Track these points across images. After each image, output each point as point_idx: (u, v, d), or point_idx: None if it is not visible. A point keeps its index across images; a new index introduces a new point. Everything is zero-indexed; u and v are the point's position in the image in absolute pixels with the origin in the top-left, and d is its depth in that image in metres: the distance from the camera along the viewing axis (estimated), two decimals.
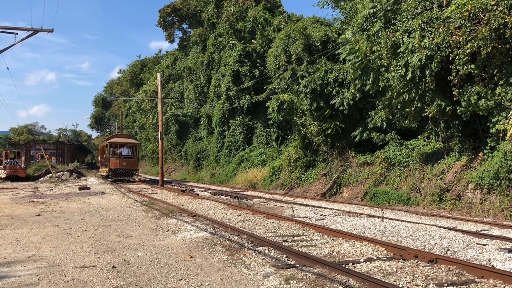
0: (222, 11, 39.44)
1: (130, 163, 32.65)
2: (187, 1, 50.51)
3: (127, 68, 79.09)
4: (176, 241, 8.61)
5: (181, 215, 12.37)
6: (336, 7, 27.41)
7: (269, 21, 34.78)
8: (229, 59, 34.88)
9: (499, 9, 11.58)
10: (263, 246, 7.81)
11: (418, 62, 13.13)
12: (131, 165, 32.64)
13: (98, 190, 23.26)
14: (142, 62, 71.25)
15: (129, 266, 6.60)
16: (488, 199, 12.40)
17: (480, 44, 11.95)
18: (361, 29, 16.95)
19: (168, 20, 54.23)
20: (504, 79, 12.10)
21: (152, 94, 48.34)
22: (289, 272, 6.15)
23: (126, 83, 76.90)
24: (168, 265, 6.65)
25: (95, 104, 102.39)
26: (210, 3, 42.87)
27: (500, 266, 6.51)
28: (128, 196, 19.53)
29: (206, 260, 6.93)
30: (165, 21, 54.13)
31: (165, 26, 54.79)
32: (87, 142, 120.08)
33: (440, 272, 6.06)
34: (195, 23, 51.38)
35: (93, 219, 11.90)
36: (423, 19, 13.36)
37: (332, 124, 20.12)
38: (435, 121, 14.67)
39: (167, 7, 52.59)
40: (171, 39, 56.44)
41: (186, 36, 55.30)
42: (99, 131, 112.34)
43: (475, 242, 8.26)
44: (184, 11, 51.64)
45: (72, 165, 46.50)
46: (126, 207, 14.88)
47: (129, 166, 32.42)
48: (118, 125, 58.98)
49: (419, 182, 15.45)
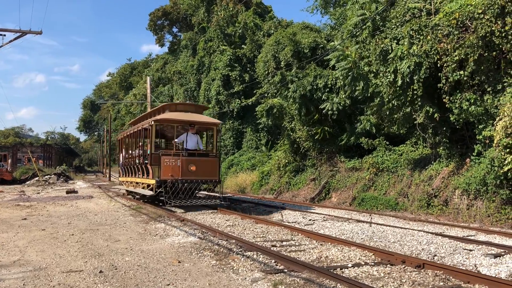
0: (212, 16, 39.52)
1: (204, 166, 15.18)
2: (178, 5, 50.52)
3: (117, 71, 78.87)
4: (164, 245, 8.56)
5: (170, 219, 12.31)
6: (325, 13, 27.62)
7: (259, 26, 34.94)
8: (219, 63, 34.91)
9: (486, 17, 11.74)
10: (251, 251, 7.80)
11: (407, 68, 13.26)
12: (207, 172, 15.19)
13: (85, 193, 23.06)
14: (132, 65, 71.11)
15: (117, 271, 6.54)
16: (474, 205, 12.53)
17: (468, 52, 12.10)
18: (350, 36, 17.09)
19: (159, 23, 54.21)
20: (492, 86, 12.27)
21: (142, 98, 48.15)
22: (278, 277, 6.14)
23: (116, 86, 76.65)
24: (156, 269, 6.61)
25: (83, 107, 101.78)
26: (200, 7, 42.95)
27: (486, 271, 6.57)
28: (116, 200, 19.38)
29: (194, 265, 6.90)
30: (155, 25, 54.09)
31: (155, 30, 54.75)
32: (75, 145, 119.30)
33: (427, 278, 6.11)
34: (185, 27, 51.40)
35: (80, 223, 11.79)
36: (412, 27, 13.50)
37: (320, 129, 20.21)
38: (423, 127, 14.80)
39: (158, 11, 52.58)
40: (161, 43, 56.43)
41: (176, 40, 55.30)
42: (87, 134, 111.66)
43: (461, 247, 8.33)
44: (174, 15, 51.66)
45: (59, 169, 46.02)
46: (114, 211, 14.77)
47: (204, 173, 15.09)
48: (106, 128, 58.56)
49: (407, 188, 15.56)
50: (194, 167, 14.64)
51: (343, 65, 16.97)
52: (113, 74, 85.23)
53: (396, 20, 14.53)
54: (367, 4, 16.29)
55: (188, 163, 14.58)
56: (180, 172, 14.37)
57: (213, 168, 15.24)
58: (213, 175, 15.11)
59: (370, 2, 16.20)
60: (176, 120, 15.63)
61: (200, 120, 15.86)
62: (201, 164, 14.89)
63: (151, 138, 15.33)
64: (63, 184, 35.45)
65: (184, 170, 14.43)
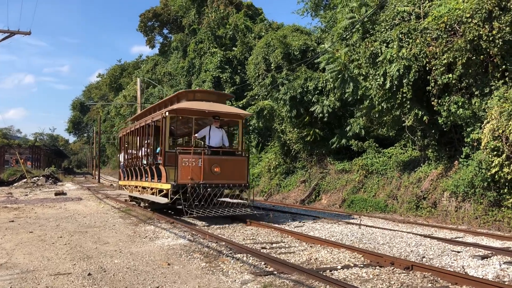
0: (203, 17, 39.53)
1: (231, 167, 12.70)
2: (168, 7, 50.41)
3: (107, 72, 78.46)
4: (153, 248, 8.53)
5: (159, 221, 12.26)
6: (315, 16, 27.74)
7: (250, 28, 35.00)
8: (210, 65, 34.89)
9: (473, 21, 11.89)
10: (241, 253, 7.80)
11: (396, 72, 13.37)
12: (234, 174, 12.72)
13: (74, 195, 22.89)
14: (122, 67, 70.76)
15: (105, 274, 6.50)
16: (462, 207, 12.65)
17: (456, 55, 12.24)
18: (340, 39, 17.19)
19: (149, 25, 54.00)
20: (479, 89, 12.41)
21: (132, 99, 47.92)
22: (267, 279, 6.15)
23: (105, 88, 76.22)
24: (145, 272, 6.58)
25: (73, 108, 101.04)
26: (191, 9, 42.91)
27: (473, 272, 6.64)
28: (105, 202, 19.26)
29: (184, 267, 6.89)
30: (145, 26, 53.87)
31: (146, 31, 54.52)
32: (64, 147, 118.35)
33: (416, 279, 6.15)
34: (176, 28, 51.29)
35: (69, 226, 11.69)
36: (401, 30, 13.62)
37: (311, 131, 20.29)
38: (412, 129, 14.92)
39: (148, 12, 52.39)
40: (151, 44, 56.19)
41: (166, 41, 55.15)
42: (77, 136, 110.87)
43: (449, 249, 8.41)
44: (165, 17, 51.51)
45: (48, 170, 45.59)
46: (103, 213, 14.67)
47: (230, 176, 12.61)
48: (96, 129, 58.22)
49: (396, 190, 15.66)
50: (219, 168, 12.13)
51: (332, 68, 17.06)
52: (103, 75, 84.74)
53: (386, 24, 14.65)
54: (357, 8, 16.40)
55: (212, 164, 12.09)
56: (202, 175, 11.89)
57: (241, 169, 12.72)
58: (240, 178, 12.63)
59: (359, 6, 16.31)
60: (198, 110, 12.84)
61: (227, 111, 13.44)
62: (227, 165, 12.36)
63: (164, 133, 12.59)
64: (52, 186, 35.13)
65: (207, 172, 11.96)
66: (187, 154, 12.04)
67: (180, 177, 11.79)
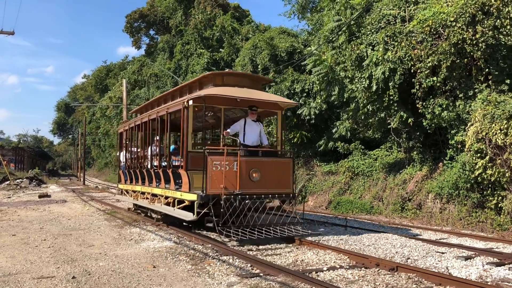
0: (190, 19, 39.44)
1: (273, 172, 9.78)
2: (155, 8, 50.17)
3: (92, 73, 77.78)
4: (139, 250, 8.46)
5: (145, 224, 12.18)
6: (302, 18, 27.87)
7: (237, 30, 35.02)
8: (197, 66, 34.82)
9: (457, 25, 12.05)
10: (227, 256, 7.78)
11: (382, 74, 13.49)
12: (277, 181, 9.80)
13: (59, 198, 22.61)
14: (108, 68, 70.20)
15: (90, 276, 6.43)
16: (447, 209, 12.79)
17: (441, 58, 12.39)
18: (327, 41, 17.29)
19: (135, 26, 53.66)
20: (463, 92, 12.58)
21: (117, 101, 47.57)
22: (253, 281, 6.14)
23: (91, 89, 75.56)
24: (130, 275, 6.52)
25: (58, 109, 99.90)
26: (178, 10, 42.78)
27: (456, 273, 6.71)
28: (90, 204, 19.07)
29: (170, 270, 6.84)
30: (132, 27, 53.52)
31: (132, 32, 54.17)
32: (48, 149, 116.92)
33: (400, 280, 6.20)
34: (163, 29, 51.05)
35: (53, 228, 11.54)
36: (387, 33, 13.75)
37: (298, 134, 20.35)
38: (397, 132, 15.06)
39: (134, 13, 52.05)
40: (137, 45, 55.85)
41: (153, 42, 54.85)
42: (61, 137, 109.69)
43: (434, 250, 8.49)
44: (151, 18, 51.24)
45: (32, 172, 45.01)
46: (88, 216, 14.52)
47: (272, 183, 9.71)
48: (81, 131, 57.66)
49: (381, 191, 15.78)
50: (258, 174, 9.38)
51: (319, 70, 17.16)
52: (89, 76, 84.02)
53: (372, 27, 14.78)
54: (343, 11, 16.51)
55: (250, 168, 9.32)
56: (238, 182, 9.11)
57: (285, 175, 9.85)
58: (285, 186, 9.82)
59: (345, 8, 16.43)
60: (232, 99, 9.85)
61: (267, 100, 10.50)
62: (268, 169, 9.59)
63: (186, 127, 9.81)
64: (36, 188, 34.66)
65: (244, 179, 9.21)
66: (218, 155, 9.25)
67: (211, 185, 8.96)
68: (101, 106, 55.95)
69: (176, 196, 10.32)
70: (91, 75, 78.89)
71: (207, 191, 8.94)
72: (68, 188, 35.02)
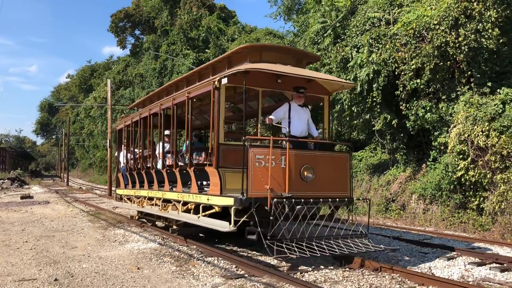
0: (176, 19, 39.26)
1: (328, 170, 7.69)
2: (140, 8, 49.84)
3: (76, 73, 76.95)
4: (123, 252, 8.40)
5: (129, 225, 12.09)
6: (288, 20, 27.92)
7: (223, 31, 34.98)
8: (182, 67, 34.69)
9: (441, 28, 12.21)
10: (212, 257, 7.76)
11: (366, 76, 13.61)
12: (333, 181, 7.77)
13: (42, 199, 22.32)
14: (92, 68, 69.52)
15: (73, 279, 6.36)
16: (430, 209, 12.95)
17: (424, 61, 12.54)
18: (312, 43, 17.38)
19: (120, 25, 53.25)
20: (446, 94, 12.75)
21: (102, 101, 47.16)
22: (238, 282, 6.14)
23: (75, 89, 74.74)
24: (114, 276, 6.47)
25: (41, 109, 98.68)
26: (163, 10, 42.56)
27: (439, 273, 6.80)
28: (74, 205, 18.86)
29: (154, 272, 6.81)
30: (117, 27, 53.10)
31: (117, 32, 53.75)
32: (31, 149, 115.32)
33: (384, 280, 6.26)
34: (148, 29, 50.75)
35: (35, 230, 11.39)
36: (371, 35, 13.87)
37: None
38: (381, 133, 15.20)
39: (120, 13, 51.66)
40: (122, 45, 55.42)
41: (138, 42, 54.47)
42: (45, 138, 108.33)
43: (417, 250, 8.60)
44: (137, 17, 50.91)
45: (14, 173, 44.33)
46: (71, 217, 14.36)
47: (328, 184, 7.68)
48: (65, 131, 56.98)
49: (366, 192, 15.90)
50: (311, 172, 7.41)
51: None
52: (73, 76, 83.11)
53: (356, 29, 14.90)
54: (328, 12, 16.62)
55: (301, 164, 7.34)
56: (287, 182, 7.12)
57: (342, 173, 7.92)
58: (341, 187, 7.87)
59: (330, 10, 16.54)
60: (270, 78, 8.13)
61: (321, 78, 8.51)
62: (322, 166, 7.59)
63: (217, 112, 7.80)
64: (18, 189, 34.15)
65: (294, 178, 7.24)
66: (262, 147, 7.49)
67: (253, 186, 6.96)
68: (85, 106, 55.38)
69: (201, 200, 8.28)
70: (76, 75, 78.03)
71: (249, 194, 6.94)
72: (51, 189, 34.60)
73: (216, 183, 7.78)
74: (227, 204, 7.35)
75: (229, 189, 7.66)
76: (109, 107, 28.12)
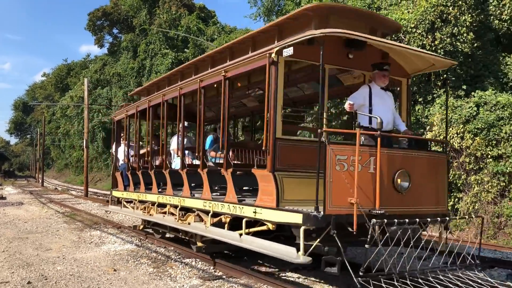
0: (155, 18, 38.93)
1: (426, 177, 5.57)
2: (119, 6, 49.24)
3: (52, 71, 75.56)
4: (99, 253, 8.27)
5: (106, 226, 11.92)
6: (268, 21, 27.95)
7: (203, 31, 34.83)
8: (161, 66, 34.38)
9: (418, 31, 12.43)
10: (190, 258, 7.72)
11: None
12: (429, 192, 5.64)
13: (15, 200, 21.83)
14: (69, 66, 68.33)
15: (47, 281, 6.23)
16: None
17: None
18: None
19: (98, 24, 52.47)
20: (423, 97, 12.96)
21: (79, 100, 46.43)
22: (216, 283, 6.11)
23: (51, 88, 73.33)
24: (89, 279, 6.36)
25: (15, 108, 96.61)
26: (142, 9, 42.15)
27: None
28: (48, 206, 18.50)
29: (131, 273, 6.72)
30: (94, 25, 52.31)
31: (95, 30, 52.93)
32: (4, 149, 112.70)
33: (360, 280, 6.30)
34: (126, 28, 50.17)
35: (7, 232, 11.12)
36: None
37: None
38: None
39: (97, 11, 50.92)
40: (100, 44, 54.60)
41: (116, 41, 53.80)
42: (19, 137, 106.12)
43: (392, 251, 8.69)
44: (115, 16, 50.25)
45: None
46: (46, 218, 14.07)
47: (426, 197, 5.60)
48: (40, 131, 55.89)
49: None
50: (407, 180, 5.37)
51: None
52: (49, 74, 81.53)
53: None
54: None
55: (394, 169, 5.30)
56: (377, 194, 5.06)
57: (439, 182, 5.95)
58: (438, 200, 5.90)
59: None
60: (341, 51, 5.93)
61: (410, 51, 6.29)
62: (419, 172, 5.56)
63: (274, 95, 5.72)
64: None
65: (387, 188, 5.21)
66: (345, 145, 5.46)
67: (333, 198, 4.92)
68: (61, 105, 54.39)
69: (243, 213, 6.15)
70: (51, 73, 76.57)
71: (327, 209, 4.87)
72: (26, 190, 33.88)
73: (271, 192, 5.70)
74: (291, 221, 5.26)
75: (288, 200, 5.68)
76: (86, 106, 27.70)
